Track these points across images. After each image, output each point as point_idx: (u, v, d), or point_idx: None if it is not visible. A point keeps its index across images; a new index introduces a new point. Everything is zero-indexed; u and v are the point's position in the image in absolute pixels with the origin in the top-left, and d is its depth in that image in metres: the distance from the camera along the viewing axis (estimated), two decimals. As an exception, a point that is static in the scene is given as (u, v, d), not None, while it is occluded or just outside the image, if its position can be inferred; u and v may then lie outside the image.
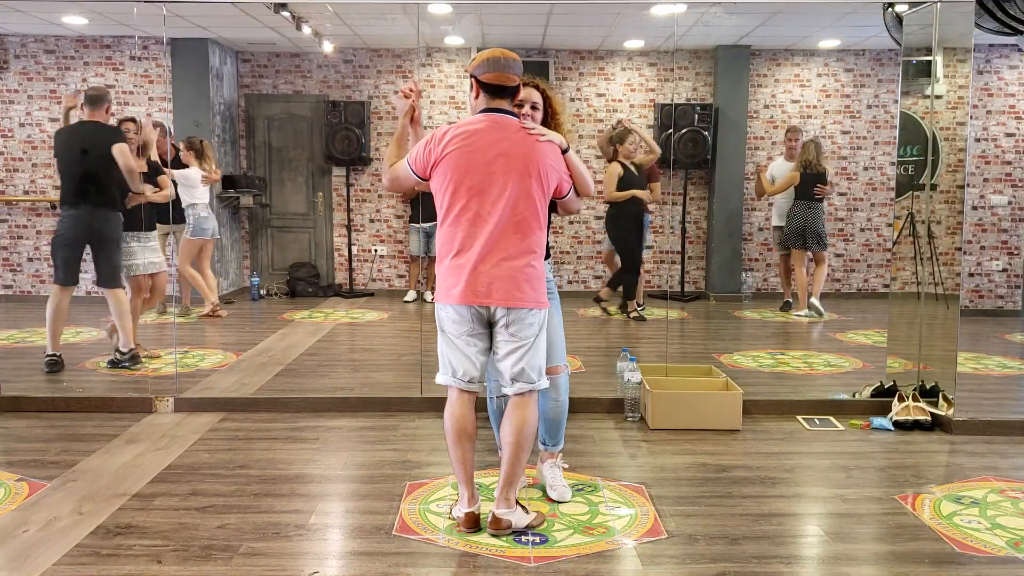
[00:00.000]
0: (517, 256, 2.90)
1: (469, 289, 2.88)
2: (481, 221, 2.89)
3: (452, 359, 2.99)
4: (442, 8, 7.08)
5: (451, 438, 3.00)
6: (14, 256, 8.61)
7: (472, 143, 2.91)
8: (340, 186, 9.23)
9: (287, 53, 9.03)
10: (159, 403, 4.58)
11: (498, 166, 2.89)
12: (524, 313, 2.93)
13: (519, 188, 2.89)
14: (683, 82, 9.09)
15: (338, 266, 9.33)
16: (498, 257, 2.88)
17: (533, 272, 2.94)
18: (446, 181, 2.92)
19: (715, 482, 3.56)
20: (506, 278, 2.88)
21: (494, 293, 2.88)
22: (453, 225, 2.93)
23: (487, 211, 2.88)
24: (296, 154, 9.24)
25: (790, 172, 7.74)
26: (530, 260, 2.93)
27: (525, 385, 2.97)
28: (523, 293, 2.90)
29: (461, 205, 2.90)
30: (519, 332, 2.93)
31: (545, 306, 3.01)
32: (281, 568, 2.72)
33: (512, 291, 2.88)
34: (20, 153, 8.56)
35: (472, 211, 2.89)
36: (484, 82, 2.97)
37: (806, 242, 7.68)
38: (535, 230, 2.95)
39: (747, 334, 7.38)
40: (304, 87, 9.12)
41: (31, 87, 8.55)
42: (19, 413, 4.51)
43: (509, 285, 2.88)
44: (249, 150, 9.22)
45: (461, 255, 2.90)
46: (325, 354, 6.17)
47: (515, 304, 2.90)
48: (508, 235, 2.89)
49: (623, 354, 4.69)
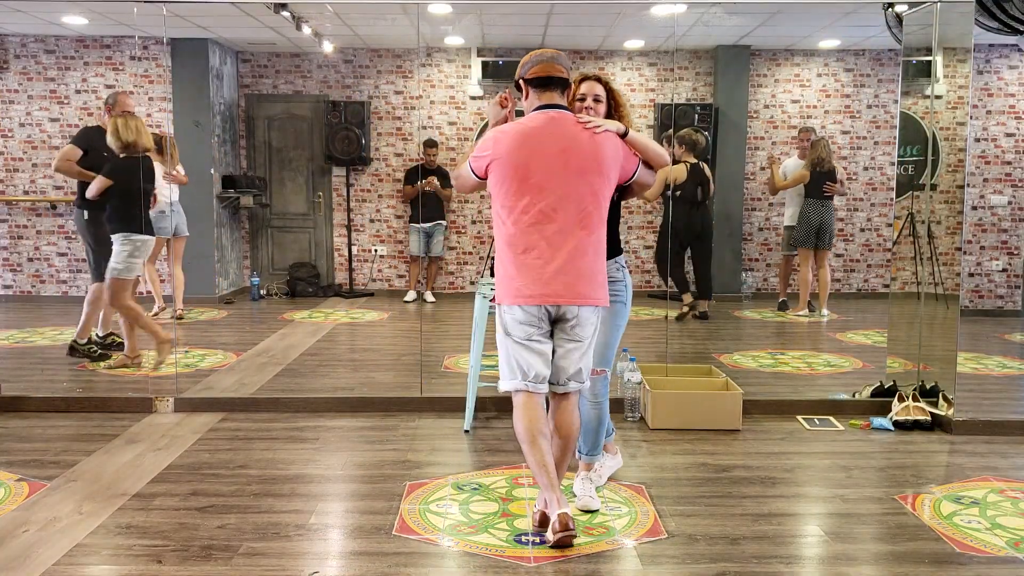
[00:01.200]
0: (584, 254, 2.90)
1: (540, 289, 2.86)
2: (546, 219, 2.87)
3: (522, 361, 2.93)
4: (442, 8, 7.08)
5: (529, 443, 2.89)
6: (14, 256, 8.61)
7: (530, 141, 2.90)
8: (340, 186, 9.23)
9: (287, 53, 9.03)
10: (159, 403, 4.58)
11: (559, 163, 2.87)
12: (589, 312, 2.94)
13: (583, 184, 2.89)
14: (683, 82, 9.09)
15: (338, 266, 9.33)
16: (567, 255, 2.87)
17: (599, 269, 2.95)
18: (505, 181, 2.91)
19: (715, 482, 3.56)
20: (577, 276, 2.87)
21: (565, 292, 2.87)
22: (516, 224, 2.90)
23: (552, 208, 2.86)
24: (296, 154, 9.24)
25: (800, 170, 7.73)
26: (597, 257, 2.94)
27: (577, 384, 2.99)
28: (592, 291, 2.91)
29: (524, 204, 2.88)
30: (582, 332, 2.94)
31: (606, 303, 3.00)
32: (281, 568, 2.72)
33: (583, 289, 2.89)
34: (20, 153, 8.56)
35: (536, 209, 2.87)
36: (530, 78, 2.97)
37: (819, 240, 7.67)
38: (599, 226, 2.95)
39: (747, 334, 7.38)
40: (304, 87, 9.12)
41: (31, 87, 8.56)
42: (19, 413, 4.51)
43: (580, 284, 2.88)
44: (249, 150, 9.22)
45: (528, 254, 2.88)
46: (325, 354, 6.17)
47: (584, 302, 2.90)
48: (575, 232, 2.88)
49: (623, 354, 4.68)
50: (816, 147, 7.64)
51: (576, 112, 3.07)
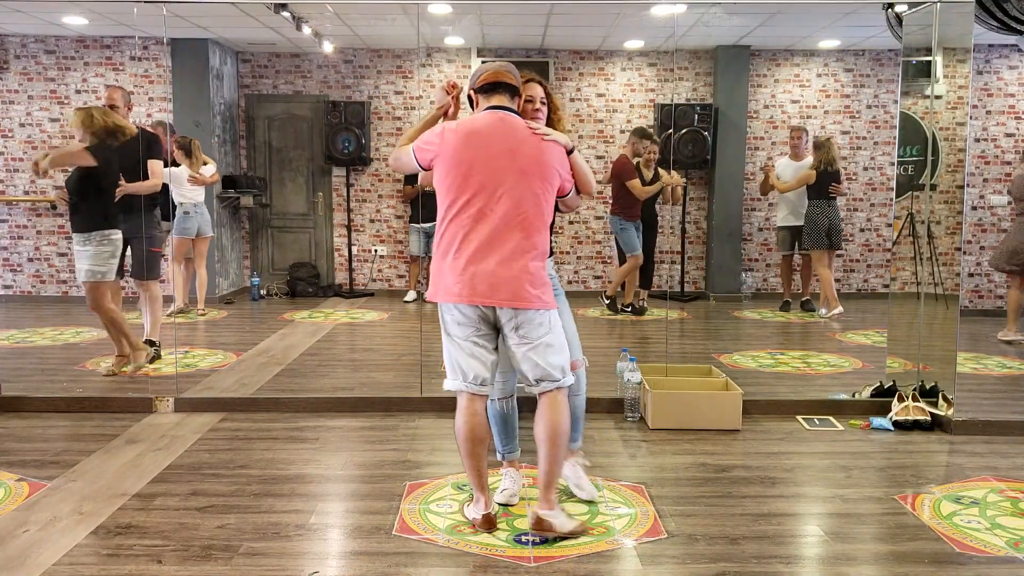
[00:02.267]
0: (520, 255, 2.87)
1: (472, 288, 2.84)
2: (484, 219, 2.86)
3: (461, 362, 2.93)
4: (442, 8, 7.08)
5: (465, 446, 2.96)
6: (14, 256, 8.62)
7: (477, 139, 2.91)
8: (340, 186, 9.23)
9: (287, 53, 9.03)
10: (159, 403, 4.59)
11: (503, 164, 2.87)
12: (532, 314, 2.90)
13: (524, 187, 2.88)
14: (683, 82, 9.09)
15: (338, 266, 9.33)
16: (502, 256, 2.85)
17: (538, 272, 2.92)
18: (448, 177, 2.91)
19: (715, 482, 3.56)
20: (511, 278, 2.84)
21: (498, 293, 2.84)
22: (454, 222, 2.90)
23: (491, 209, 2.85)
24: (296, 154, 9.24)
25: (806, 171, 7.70)
26: (534, 260, 2.91)
27: (550, 384, 2.94)
28: (528, 293, 2.87)
29: (464, 201, 2.88)
30: (529, 333, 2.90)
31: (551, 306, 2.97)
32: (281, 568, 2.72)
33: (518, 291, 2.85)
34: (20, 153, 8.56)
35: (475, 208, 2.86)
36: (478, 86, 3.02)
37: (830, 241, 7.65)
38: (539, 230, 2.93)
39: (747, 334, 7.38)
40: (304, 87, 9.12)
41: (31, 87, 8.56)
42: (19, 413, 4.51)
43: (514, 285, 2.84)
44: (249, 150, 9.23)
45: (462, 252, 2.87)
46: (325, 354, 6.17)
47: (521, 305, 2.86)
48: (512, 234, 2.86)
49: (623, 354, 4.69)
50: (822, 148, 7.62)
51: (526, 114, 3.09)
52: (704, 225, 9.21)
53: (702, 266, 9.23)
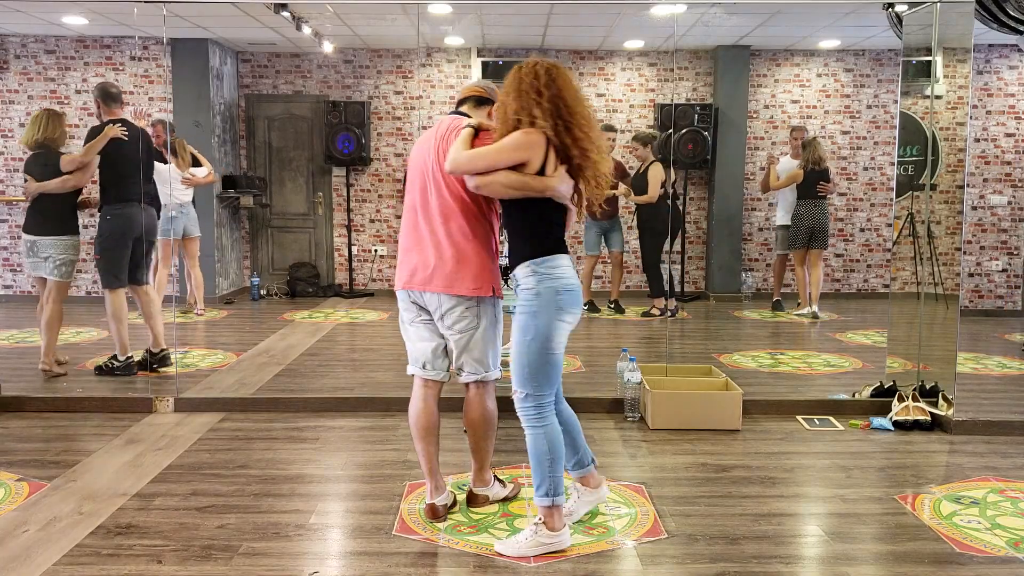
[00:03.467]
0: (445, 245, 2.96)
1: (406, 275, 3.04)
2: (415, 213, 3.04)
3: (410, 346, 3.13)
4: (442, 8, 7.08)
5: (414, 431, 3.13)
6: (14, 256, 8.61)
7: (421, 143, 3.11)
8: (340, 186, 9.23)
9: (287, 53, 9.03)
10: (159, 403, 4.59)
11: (427, 160, 3.03)
12: (450, 300, 2.96)
13: (436, 179, 2.99)
14: (683, 82, 9.09)
15: (338, 266, 9.33)
16: (430, 246, 2.98)
17: (462, 259, 2.94)
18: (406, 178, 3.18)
19: (715, 482, 3.56)
20: (433, 266, 2.97)
21: (421, 281, 2.99)
22: (403, 217, 3.13)
23: (421, 203, 3.03)
24: (296, 154, 9.24)
25: (794, 170, 7.74)
26: (457, 247, 2.94)
27: (472, 376, 3.08)
28: (448, 281, 2.95)
29: (408, 198, 3.09)
30: (454, 323, 3.01)
31: (479, 293, 2.95)
32: (281, 568, 2.72)
33: (438, 279, 2.97)
34: (20, 153, 8.56)
35: (410, 202, 3.07)
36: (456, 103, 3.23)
37: (811, 240, 7.69)
38: (458, 216, 2.95)
39: (747, 334, 7.38)
40: (304, 87, 9.12)
41: (31, 87, 8.56)
42: (19, 413, 4.51)
43: (435, 272, 2.97)
44: (249, 150, 9.23)
45: (401, 244, 3.09)
46: (325, 354, 6.17)
47: (438, 290, 2.97)
48: (434, 224, 2.99)
49: (623, 354, 4.69)
50: (809, 147, 7.65)
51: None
52: (704, 225, 9.21)
53: (702, 266, 9.23)
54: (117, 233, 5.20)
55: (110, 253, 5.19)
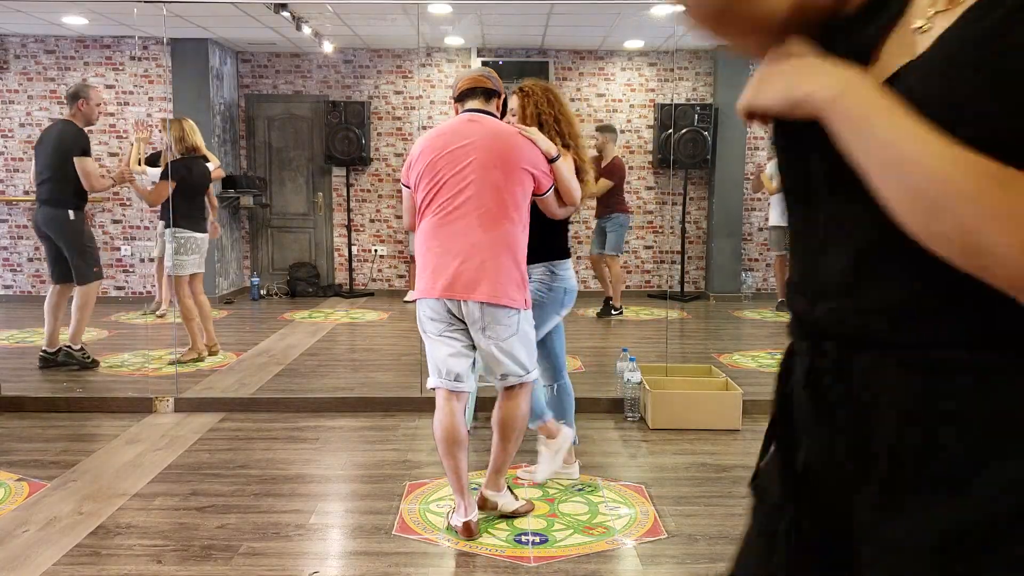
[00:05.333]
0: (484, 250, 2.84)
1: (439, 283, 2.86)
2: (449, 216, 2.87)
3: (436, 358, 2.95)
4: (442, 8, 7.08)
5: (442, 447, 2.95)
6: (14, 256, 8.62)
7: (442, 141, 2.93)
8: (340, 186, 9.23)
9: (287, 53, 9.03)
10: (159, 403, 4.59)
11: (462, 159, 2.87)
12: (494, 311, 2.85)
13: (485, 181, 2.85)
14: (683, 82, 9.09)
15: (338, 266, 9.33)
16: (466, 252, 2.83)
17: (502, 268, 2.86)
18: (419, 180, 2.95)
19: (715, 482, 3.56)
20: (479, 275, 2.82)
21: (462, 288, 2.83)
22: (425, 220, 2.93)
23: (455, 205, 2.86)
24: (296, 154, 9.24)
25: None
26: (498, 256, 2.85)
27: (516, 379, 2.99)
28: (492, 289, 2.83)
29: (431, 200, 2.91)
30: (495, 331, 2.87)
31: (519, 305, 2.92)
32: (281, 568, 2.72)
33: (480, 287, 2.82)
34: (20, 153, 8.56)
35: (439, 204, 2.89)
36: (456, 96, 3.06)
37: None
38: (502, 224, 2.87)
39: (747, 334, 7.38)
40: (304, 87, 9.12)
41: (31, 87, 8.56)
42: (19, 413, 4.51)
43: (482, 281, 2.82)
44: (249, 150, 9.23)
45: (432, 250, 2.90)
46: (325, 354, 6.17)
47: (482, 299, 2.83)
48: (474, 229, 2.84)
49: (623, 354, 4.69)
50: None
51: None
52: (704, 225, 9.21)
53: (702, 266, 9.23)
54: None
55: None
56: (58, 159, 5.27)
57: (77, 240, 5.35)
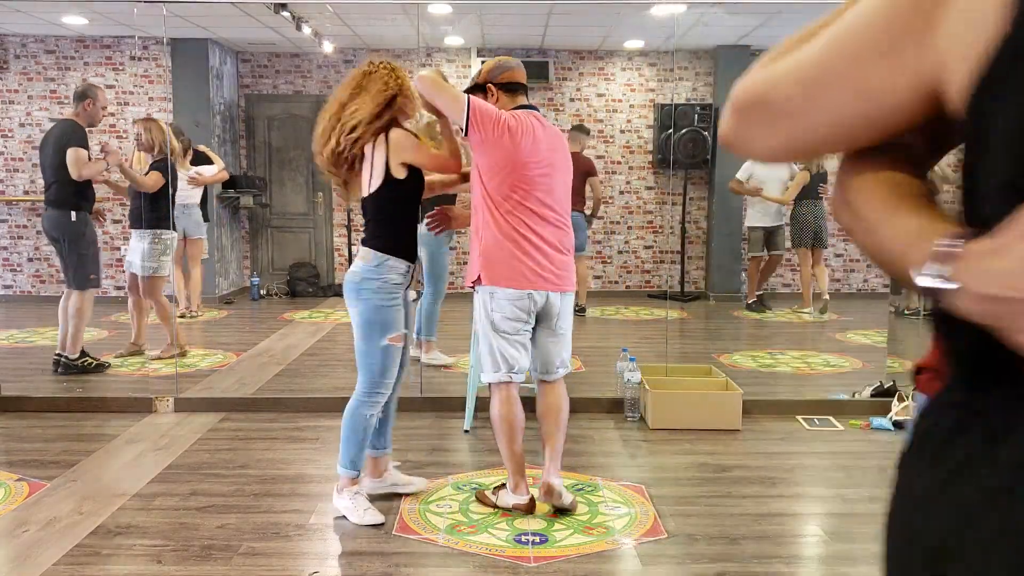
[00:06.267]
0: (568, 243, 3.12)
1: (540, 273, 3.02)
2: (540, 208, 3.01)
3: (509, 355, 3.09)
4: (442, 8, 7.08)
5: (507, 435, 3.11)
6: (14, 256, 8.61)
7: (547, 141, 3.04)
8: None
9: (287, 53, 9.03)
10: (159, 403, 4.59)
11: (558, 156, 3.07)
12: (569, 300, 3.14)
13: (565, 184, 3.13)
14: (683, 82, 9.09)
15: (338, 266, 9.33)
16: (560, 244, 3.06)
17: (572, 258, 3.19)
18: (507, 165, 2.95)
19: (715, 482, 3.56)
20: (566, 265, 3.09)
21: (551, 277, 3.04)
22: (516, 212, 2.98)
23: (549, 204, 3.03)
24: (296, 154, 9.23)
25: (800, 172, 7.69)
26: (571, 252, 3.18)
27: (565, 370, 3.23)
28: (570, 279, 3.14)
29: (522, 194, 2.97)
30: (566, 323, 3.15)
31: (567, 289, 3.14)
32: (281, 568, 2.72)
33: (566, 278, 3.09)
34: (20, 153, 8.56)
35: (534, 200, 3.00)
36: (503, 83, 3.09)
37: (816, 240, 7.68)
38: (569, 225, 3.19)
39: (747, 334, 7.38)
40: (304, 87, 9.12)
41: (31, 87, 8.56)
42: (19, 413, 4.51)
43: (567, 271, 3.09)
44: (249, 150, 9.22)
45: (523, 240, 2.99)
46: (325, 354, 6.17)
47: (566, 288, 3.10)
48: (563, 222, 3.08)
49: (623, 354, 4.68)
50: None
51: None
52: (704, 225, 9.21)
53: (702, 266, 9.22)
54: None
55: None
56: (60, 159, 5.26)
57: (76, 243, 5.32)
